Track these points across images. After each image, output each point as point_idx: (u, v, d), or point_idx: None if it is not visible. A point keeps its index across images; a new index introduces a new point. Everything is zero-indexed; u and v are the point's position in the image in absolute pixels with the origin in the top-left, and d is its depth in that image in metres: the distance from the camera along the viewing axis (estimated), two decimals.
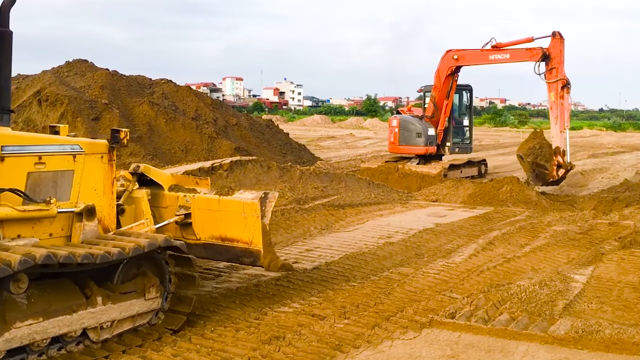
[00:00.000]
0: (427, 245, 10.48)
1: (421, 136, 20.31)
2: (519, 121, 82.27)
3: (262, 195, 6.79)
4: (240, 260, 6.95)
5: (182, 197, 7.06)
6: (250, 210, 6.66)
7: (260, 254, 6.70)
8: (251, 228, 6.68)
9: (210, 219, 6.92)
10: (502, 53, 18.41)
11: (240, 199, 6.77)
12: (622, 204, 14.87)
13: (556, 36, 17.19)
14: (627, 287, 8.06)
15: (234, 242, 6.83)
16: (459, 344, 5.96)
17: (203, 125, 19.68)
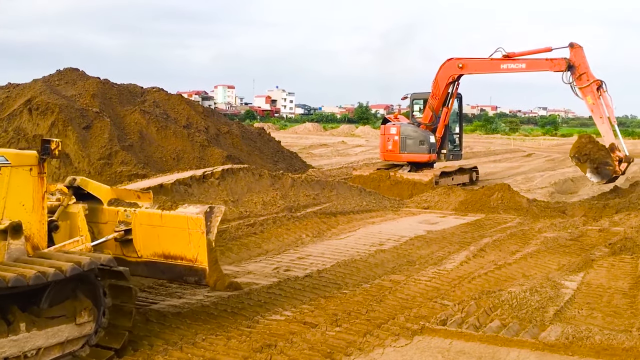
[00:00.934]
0: (418, 252, 10.51)
1: (424, 144, 20.41)
2: (510, 128, 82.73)
3: (207, 209, 6.34)
4: (185, 279, 6.51)
5: (122, 211, 6.59)
6: (194, 225, 6.25)
7: (205, 272, 6.26)
8: (196, 244, 6.27)
9: (153, 235, 6.48)
10: (516, 63, 18.61)
11: (185, 213, 6.35)
12: (612, 211, 14.96)
13: (574, 46, 17.59)
14: (617, 293, 8.10)
15: (178, 260, 6.39)
16: (451, 351, 5.97)
17: (194, 133, 19.67)
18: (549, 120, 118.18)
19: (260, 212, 12.08)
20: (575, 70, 17.52)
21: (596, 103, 17.46)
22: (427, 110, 20.77)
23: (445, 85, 20.05)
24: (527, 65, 18.65)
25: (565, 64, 17.59)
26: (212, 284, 6.34)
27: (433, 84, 20.22)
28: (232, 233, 10.80)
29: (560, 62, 17.73)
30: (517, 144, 53.20)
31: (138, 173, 15.73)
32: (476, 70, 19.84)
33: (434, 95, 20.28)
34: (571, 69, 17.54)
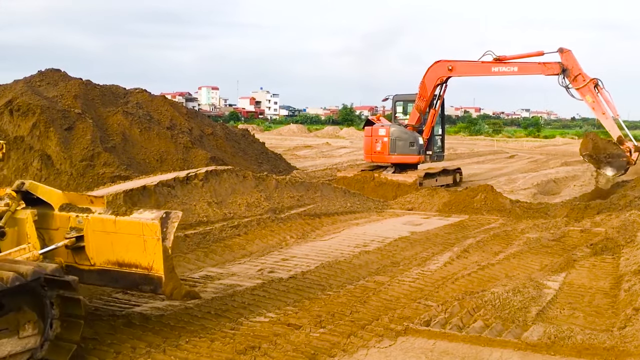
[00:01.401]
0: (402, 253, 10.54)
1: (414, 145, 20.52)
2: (494, 130, 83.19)
3: (163, 215, 6.00)
4: (140, 288, 6.21)
5: (74, 217, 6.27)
6: (150, 231, 5.92)
7: (161, 280, 5.95)
8: (151, 252, 5.96)
9: (106, 242, 6.16)
10: (508, 66, 18.86)
11: (139, 219, 6.01)
12: (593, 211, 15.08)
13: (564, 51, 17.99)
14: (599, 293, 8.18)
15: (132, 268, 6.08)
16: (434, 352, 6.00)
17: (178, 134, 19.58)
18: (532, 121, 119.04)
19: (244, 214, 12.05)
20: (569, 72, 17.88)
21: (596, 101, 17.84)
22: (414, 111, 20.87)
23: (433, 87, 20.19)
24: (519, 69, 18.93)
25: (559, 67, 17.96)
26: (168, 293, 6.05)
27: (420, 86, 20.34)
28: (216, 235, 10.77)
29: (553, 65, 18.09)
30: (501, 145, 53.53)
31: (121, 175, 15.63)
32: (466, 72, 20.05)
33: (421, 96, 20.39)
34: (565, 72, 17.90)
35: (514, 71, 19.01)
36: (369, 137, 21.09)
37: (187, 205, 11.12)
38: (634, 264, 9.20)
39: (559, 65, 18.03)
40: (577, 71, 17.91)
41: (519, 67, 18.96)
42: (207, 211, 11.37)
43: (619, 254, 10.43)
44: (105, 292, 7.67)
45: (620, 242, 11.03)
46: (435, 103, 20.91)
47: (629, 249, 10.46)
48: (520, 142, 59.84)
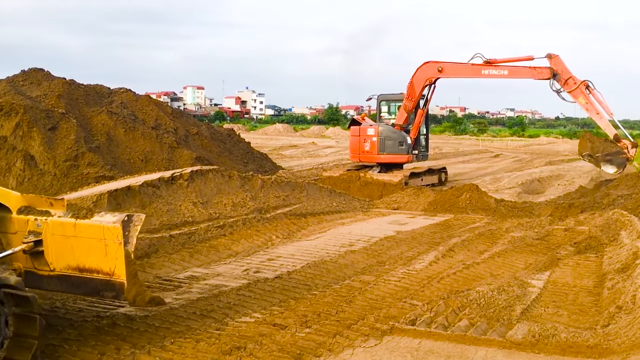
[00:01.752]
0: (388, 252, 10.56)
1: (403, 145, 20.63)
2: (478, 129, 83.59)
3: (124, 218, 5.77)
4: (101, 294, 5.95)
5: (33, 220, 6.00)
6: (111, 235, 5.71)
7: (123, 286, 5.73)
8: (113, 256, 5.73)
9: (66, 247, 5.91)
10: (498, 69, 19.22)
11: (100, 222, 5.79)
12: (577, 210, 15.20)
13: (552, 56, 18.45)
14: (582, 292, 8.24)
15: (94, 273, 5.84)
16: (420, 351, 6.01)
17: (163, 134, 19.46)
18: (517, 121, 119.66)
19: (230, 214, 12.02)
20: (559, 77, 18.35)
21: (589, 102, 18.31)
22: (401, 111, 20.96)
23: (421, 88, 20.36)
24: (509, 72, 19.29)
25: (549, 72, 18.41)
26: (131, 299, 5.84)
27: (408, 86, 20.47)
28: (201, 235, 10.73)
29: (544, 70, 18.52)
30: (486, 144, 53.79)
31: (105, 175, 15.51)
32: (456, 74, 20.29)
33: (409, 96, 20.54)
34: (556, 77, 18.35)
35: (504, 74, 19.36)
36: (356, 136, 21.08)
37: (172, 206, 11.07)
38: (617, 262, 9.28)
39: (549, 70, 18.45)
40: (567, 75, 18.34)
41: (509, 70, 19.31)
42: (193, 211, 11.32)
43: (602, 252, 10.52)
44: None
45: (603, 241, 11.12)
46: (424, 103, 21.07)
47: (612, 248, 10.56)
48: (505, 142, 60.17)
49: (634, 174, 20.88)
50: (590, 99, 18.41)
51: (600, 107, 18.54)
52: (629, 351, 5.71)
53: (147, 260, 9.27)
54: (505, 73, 19.35)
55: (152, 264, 9.18)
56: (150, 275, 8.70)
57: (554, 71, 18.42)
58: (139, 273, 6.19)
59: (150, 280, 8.41)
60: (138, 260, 9.17)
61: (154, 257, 9.48)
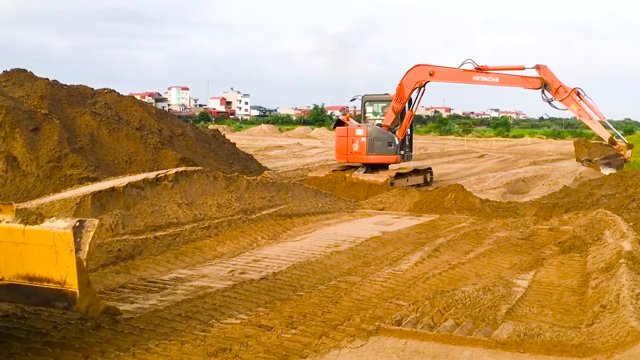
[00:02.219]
0: (374, 253, 10.56)
1: (392, 145, 20.71)
2: (464, 130, 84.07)
3: (76, 223, 5.46)
4: (53, 304, 5.63)
5: None
6: (62, 242, 5.40)
7: (75, 296, 5.43)
8: (64, 264, 5.40)
9: (14, 254, 5.57)
10: (489, 76, 19.55)
11: (50, 228, 5.47)
12: (561, 210, 15.29)
13: (540, 67, 18.92)
14: (567, 291, 8.29)
15: (44, 283, 5.52)
16: (405, 351, 6.01)
17: (148, 135, 19.36)
18: (501, 121, 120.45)
19: (215, 215, 11.96)
20: (550, 87, 18.80)
21: (581, 108, 18.95)
22: (389, 112, 21.03)
23: (411, 90, 20.50)
24: (500, 80, 19.57)
25: (540, 82, 18.83)
26: (83, 309, 5.57)
27: (398, 88, 20.56)
28: (186, 236, 10.67)
29: (534, 80, 18.93)
30: (471, 145, 54.05)
31: (89, 176, 15.40)
32: (447, 79, 20.47)
33: (398, 98, 20.64)
34: (546, 87, 18.79)
35: (495, 82, 19.63)
36: (343, 137, 21.02)
37: (157, 207, 11.00)
38: (601, 261, 9.34)
39: (539, 80, 18.86)
40: (557, 84, 18.79)
41: (501, 78, 19.60)
42: (177, 212, 11.26)
43: (586, 252, 10.59)
44: None
45: (587, 240, 11.20)
46: (412, 105, 21.22)
47: (596, 247, 10.63)
48: (490, 142, 60.49)
49: (617, 174, 21.08)
50: (581, 105, 18.93)
51: (592, 112, 19.07)
52: (613, 350, 5.75)
53: (131, 262, 9.21)
54: (496, 80, 19.62)
55: (137, 266, 9.12)
56: (135, 277, 8.63)
57: (545, 81, 18.81)
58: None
59: (134, 282, 8.36)
60: (122, 261, 9.14)
61: (138, 258, 9.41)
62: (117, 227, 9.87)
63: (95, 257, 8.95)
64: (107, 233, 9.57)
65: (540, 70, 18.99)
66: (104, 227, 9.63)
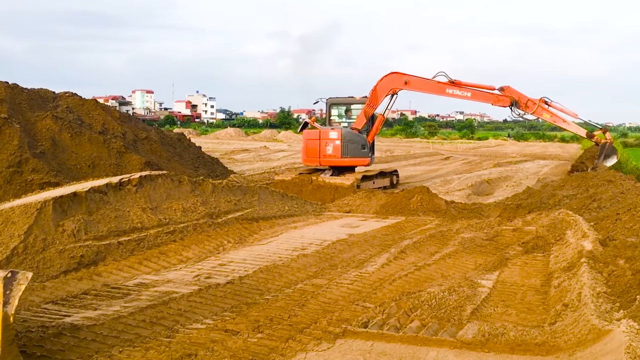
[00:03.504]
0: (340, 256, 10.56)
1: (365, 148, 20.91)
2: (429, 132, 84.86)
3: (8, 274, 5.08)
4: None
5: None
6: None
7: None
8: None
9: None
10: (462, 90, 20.57)
11: None
12: (525, 211, 15.52)
13: (504, 89, 20.34)
14: (530, 290, 8.40)
15: None
16: (372, 353, 6.02)
17: (111, 139, 19.10)
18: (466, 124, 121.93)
19: (180, 219, 11.84)
20: (518, 103, 20.12)
21: (553, 114, 20.22)
22: (361, 115, 21.22)
23: (384, 96, 20.95)
24: (472, 95, 20.73)
25: (509, 100, 20.17)
26: None
27: (371, 93, 20.92)
28: (151, 241, 10.54)
29: (504, 98, 20.29)
30: (436, 147, 54.57)
31: (50, 181, 15.12)
32: (421, 89, 21.14)
33: (370, 103, 20.99)
34: (515, 104, 20.09)
35: (467, 96, 20.73)
36: (315, 140, 20.96)
37: (121, 212, 10.84)
38: (563, 261, 9.50)
39: (509, 99, 20.15)
40: (525, 99, 20.13)
41: (473, 93, 20.68)
42: (142, 217, 11.11)
43: (549, 251, 10.76)
44: (34, 303, 7.40)
45: (550, 240, 11.38)
46: (385, 111, 21.77)
47: (558, 247, 10.80)
48: (455, 144, 61.14)
49: (578, 175, 21.49)
50: (552, 112, 20.15)
51: (564, 115, 20.31)
52: (575, 348, 5.84)
53: (94, 268, 9.06)
54: (468, 95, 20.66)
55: (100, 272, 8.98)
56: (98, 283, 8.49)
57: (513, 99, 20.04)
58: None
59: (98, 288, 8.22)
60: (84, 268, 8.99)
61: (101, 265, 9.26)
62: (80, 232, 9.70)
63: (57, 263, 8.79)
64: (69, 239, 9.38)
65: (504, 91, 20.18)
66: (66, 233, 9.45)
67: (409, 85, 20.80)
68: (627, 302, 7.01)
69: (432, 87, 20.83)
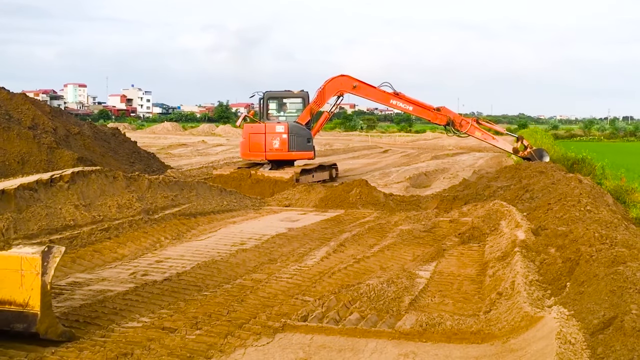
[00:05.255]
0: (280, 250, 10.53)
1: (310, 141, 21.18)
2: (368, 126, 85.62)
3: (45, 248, 5.89)
4: (12, 326, 5.86)
5: None
6: (29, 266, 5.77)
7: (36, 317, 5.75)
8: (28, 287, 5.76)
9: None
10: (405, 103, 22.00)
11: (19, 253, 5.88)
12: (461, 202, 15.84)
13: (440, 109, 22.03)
14: (466, 280, 8.58)
15: (6, 305, 5.80)
16: (312, 346, 6.02)
17: (41, 134, 18.45)
18: (404, 117, 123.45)
19: (115, 216, 11.55)
20: (454, 122, 21.86)
21: (484, 133, 22.24)
22: (306, 111, 21.38)
23: (331, 96, 21.68)
24: (413, 109, 22.35)
25: (446, 119, 21.88)
26: (42, 331, 5.82)
27: (319, 91, 21.45)
28: (85, 239, 10.24)
29: (442, 117, 21.98)
30: (375, 140, 55.14)
31: None
32: (367, 95, 22.01)
33: (317, 101, 21.52)
34: (451, 123, 21.83)
35: (409, 109, 22.43)
36: (260, 134, 20.77)
37: (52, 209, 10.49)
38: (497, 250, 9.74)
39: (446, 118, 21.82)
40: (459, 119, 22.09)
41: (414, 108, 22.19)
42: (75, 215, 10.78)
43: (484, 242, 11.02)
44: None
45: (485, 231, 11.66)
46: (331, 109, 22.68)
47: (493, 237, 11.08)
48: (393, 137, 61.91)
49: (512, 167, 22.10)
50: (483, 130, 22.22)
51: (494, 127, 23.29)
52: (509, 335, 5.99)
53: None
54: (409, 109, 22.25)
55: None
56: None
57: (450, 118, 21.81)
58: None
59: None
60: None
61: None
62: (9, 231, 9.34)
63: None
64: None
65: (441, 111, 21.86)
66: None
67: (356, 90, 21.66)
68: (558, 289, 7.24)
69: (378, 95, 21.78)
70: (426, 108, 22.09)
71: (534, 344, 5.45)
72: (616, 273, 6.34)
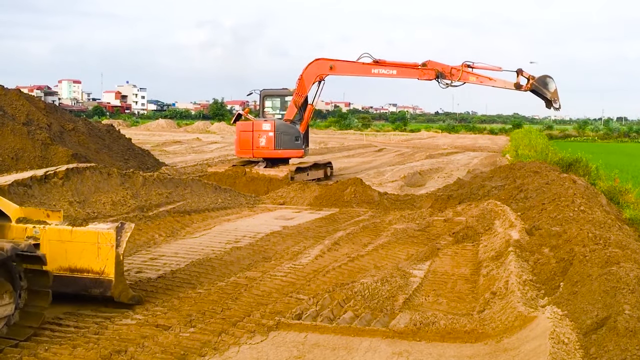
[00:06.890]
0: (274, 248, 10.53)
1: (298, 139, 20.76)
2: (363, 124, 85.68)
3: (118, 224, 6.92)
4: (89, 291, 6.86)
5: (31, 228, 6.88)
6: (105, 239, 6.78)
7: (111, 283, 6.75)
8: (104, 257, 6.76)
9: (60, 250, 6.81)
10: (387, 69, 20.38)
11: (96, 229, 6.89)
12: (455, 201, 15.87)
13: (426, 64, 20.16)
14: (460, 279, 8.60)
15: (84, 273, 6.82)
16: (306, 345, 6.03)
17: (36, 130, 18.39)
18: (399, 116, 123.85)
19: (110, 213, 11.53)
20: (443, 74, 19.93)
21: (479, 76, 20.09)
22: (291, 106, 21.01)
23: (311, 84, 20.66)
24: (398, 72, 20.48)
25: (434, 73, 19.96)
26: (116, 294, 6.80)
27: (299, 82, 20.66)
28: None
29: (429, 71, 20.05)
30: (370, 139, 55.16)
31: None
32: (346, 72, 20.91)
33: (298, 92, 20.74)
34: (441, 75, 19.91)
35: (393, 74, 20.52)
36: (248, 132, 20.74)
37: (46, 206, 10.46)
38: (491, 250, 9.77)
39: (434, 71, 19.92)
40: (448, 68, 19.93)
41: (398, 70, 20.46)
42: (69, 211, 10.75)
43: (478, 241, 11.04)
44: None
45: (479, 230, 11.68)
46: (314, 99, 21.39)
47: (487, 237, 11.10)
48: (388, 136, 61.99)
49: (506, 166, 22.14)
50: (477, 73, 20.10)
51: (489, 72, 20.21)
52: (502, 334, 6.01)
53: None
54: (394, 73, 20.46)
55: None
56: None
57: (437, 71, 19.89)
58: None
59: None
60: None
61: None
62: None
63: None
64: None
65: (428, 65, 20.17)
66: None
67: (334, 70, 20.61)
68: (551, 289, 7.27)
69: (357, 69, 20.69)
70: (411, 67, 20.46)
71: (528, 344, 5.48)
72: (609, 273, 6.37)
